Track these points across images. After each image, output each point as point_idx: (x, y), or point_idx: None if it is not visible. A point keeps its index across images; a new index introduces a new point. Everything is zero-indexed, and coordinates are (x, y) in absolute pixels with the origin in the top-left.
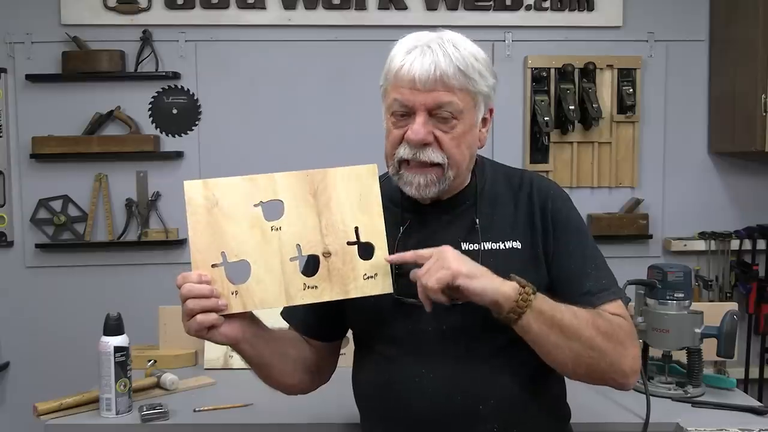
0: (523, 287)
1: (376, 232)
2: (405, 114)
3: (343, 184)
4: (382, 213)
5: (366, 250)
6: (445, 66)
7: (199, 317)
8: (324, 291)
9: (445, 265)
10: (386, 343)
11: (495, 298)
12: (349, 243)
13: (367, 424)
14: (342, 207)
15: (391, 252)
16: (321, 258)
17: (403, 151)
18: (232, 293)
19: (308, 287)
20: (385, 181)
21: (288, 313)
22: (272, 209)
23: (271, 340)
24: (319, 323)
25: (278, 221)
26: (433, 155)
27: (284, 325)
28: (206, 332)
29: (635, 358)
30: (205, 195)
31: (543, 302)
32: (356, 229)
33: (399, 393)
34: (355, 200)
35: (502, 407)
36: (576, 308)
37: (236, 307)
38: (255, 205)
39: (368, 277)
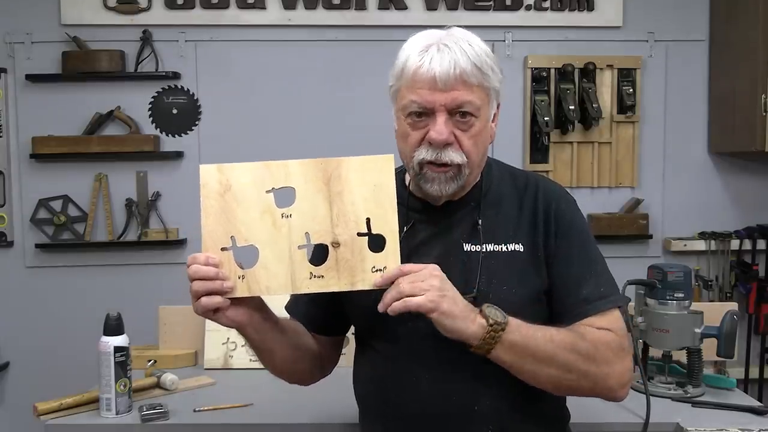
0: (492, 324)
1: (388, 224)
2: (423, 114)
3: (358, 173)
4: (395, 205)
5: (376, 243)
6: (464, 64)
7: (204, 299)
8: (330, 281)
9: (430, 296)
10: (384, 341)
11: (461, 338)
12: (359, 234)
13: (366, 421)
14: (355, 197)
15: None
16: (330, 248)
17: (425, 153)
18: (239, 277)
19: (314, 276)
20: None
21: (291, 306)
22: (284, 196)
23: (276, 328)
24: (322, 318)
25: (289, 208)
26: (454, 156)
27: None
28: (212, 314)
29: (622, 373)
30: (219, 179)
31: (515, 334)
32: (368, 220)
33: (395, 391)
34: (369, 191)
35: (497, 408)
36: (554, 331)
37: (242, 292)
38: (267, 191)
39: (376, 270)
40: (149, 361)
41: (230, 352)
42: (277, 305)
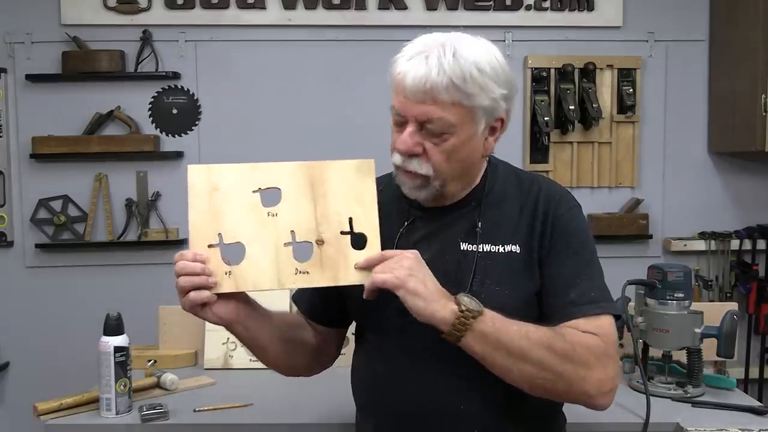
0: (463, 311)
1: (369, 224)
2: (401, 121)
3: (341, 176)
4: (376, 206)
5: (359, 241)
6: (437, 79)
7: (192, 294)
8: (315, 277)
9: (397, 273)
10: (377, 334)
11: (430, 321)
12: (342, 233)
13: (361, 417)
14: (338, 198)
15: (390, 245)
16: (314, 245)
17: (396, 158)
18: (226, 273)
19: (300, 272)
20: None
21: (296, 295)
22: (271, 196)
23: (266, 323)
24: (324, 307)
25: (275, 207)
26: (418, 166)
27: (282, 307)
28: (200, 309)
29: (603, 380)
30: (208, 179)
31: (487, 324)
32: (350, 219)
33: (385, 385)
34: (351, 192)
35: (483, 409)
36: (531, 328)
37: (228, 287)
38: (254, 191)
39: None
40: (149, 361)
41: (230, 352)
42: (270, 303)
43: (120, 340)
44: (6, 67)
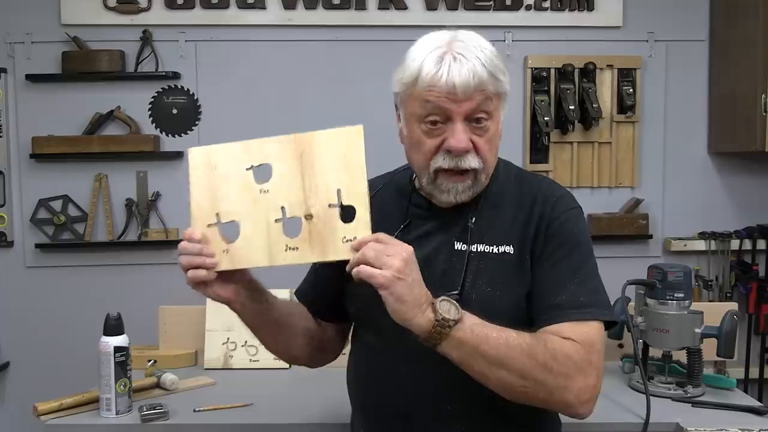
0: (439, 320)
1: (358, 194)
2: (439, 122)
3: (328, 145)
4: (365, 175)
5: (347, 213)
6: (482, 73)
7: (190, 273)
8: (304, 253)
9: (386, 273)
10: (371, 332)
11: (407, 326)
12: (330, 205)
13: (354, 412)
14: (325, 168)
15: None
16: (303, 220)
17: (442, 161)
18: (224, 251)
19: (289, 249)
20: (399, 173)
21: (298, 290)
22: (263, 172)
23: (269, 308)
24: (323, 301)
25: (266, 184)
26: (472, 162)
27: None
28: (202, 287)
29: (582, 389)
30: (206, 160)
31: (465, 332)
32: (338, 191)
33: (375, 384)
34: (339, 161)
35: (471, 410)
36: (512, 334)
37: (225, 265)
38: (247, 169)
39: (347, 241)
40: (149, 361)
41: (230, 352)
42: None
43: (120, 340)
44: (6, 67)
